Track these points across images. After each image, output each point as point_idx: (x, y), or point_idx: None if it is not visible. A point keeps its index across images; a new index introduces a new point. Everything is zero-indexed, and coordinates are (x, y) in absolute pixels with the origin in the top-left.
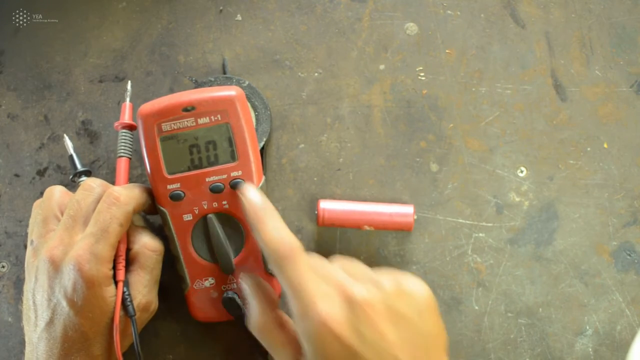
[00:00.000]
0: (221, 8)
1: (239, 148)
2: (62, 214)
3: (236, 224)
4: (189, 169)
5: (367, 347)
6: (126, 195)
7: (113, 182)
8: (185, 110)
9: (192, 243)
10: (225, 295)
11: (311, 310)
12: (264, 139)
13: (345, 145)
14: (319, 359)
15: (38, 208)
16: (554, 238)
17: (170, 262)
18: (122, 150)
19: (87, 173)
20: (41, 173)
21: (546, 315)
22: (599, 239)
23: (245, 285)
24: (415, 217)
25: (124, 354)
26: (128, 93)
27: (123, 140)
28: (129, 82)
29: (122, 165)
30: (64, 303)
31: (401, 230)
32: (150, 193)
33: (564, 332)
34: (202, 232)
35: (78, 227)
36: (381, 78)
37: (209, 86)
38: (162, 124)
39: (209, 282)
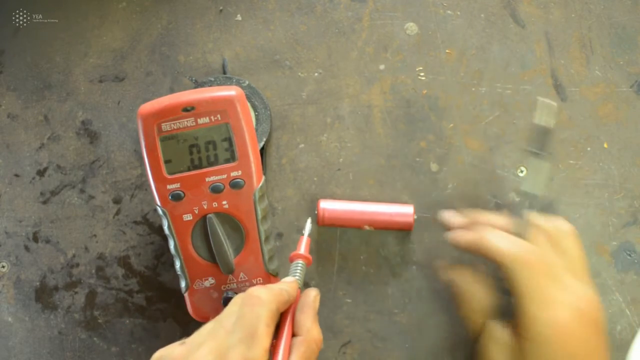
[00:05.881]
0: (221, 8)
1: (239, 148)
2: None
3: (236, 224)
4: (189, 169)
5: None
6: (267, 294)
7: (115, 182)
8: (185, 110)
9: (192, 243)
10: (225, 295)
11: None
12: (264, 139)
13: (345, 145)
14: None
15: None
16: None
17: (170, 262)
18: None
19: None
20: (41, 173)
21: None
22: (599, 239)
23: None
24: (415, 217)
25: None
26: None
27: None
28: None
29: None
30: None
31: (401, 230)
32: (291, 290)
33: None
34: (202, 232)
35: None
36: (381, 78)
37: (209, 86)
38: (162, 124)
39: (209, 282)
